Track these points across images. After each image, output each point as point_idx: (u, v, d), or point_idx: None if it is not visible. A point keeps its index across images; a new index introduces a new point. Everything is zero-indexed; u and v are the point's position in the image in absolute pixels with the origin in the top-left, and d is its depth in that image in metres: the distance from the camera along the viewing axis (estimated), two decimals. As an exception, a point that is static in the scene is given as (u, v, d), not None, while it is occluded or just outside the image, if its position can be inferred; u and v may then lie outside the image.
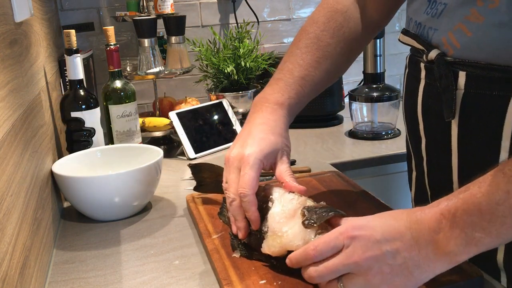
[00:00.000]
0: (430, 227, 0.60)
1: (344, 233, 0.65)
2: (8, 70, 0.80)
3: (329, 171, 1.18)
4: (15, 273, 0.66)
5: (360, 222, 0.66)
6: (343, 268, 0.64)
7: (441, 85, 0.76)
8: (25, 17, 0.98)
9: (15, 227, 0.70)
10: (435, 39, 0.78)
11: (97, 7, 1.80)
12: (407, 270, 0.62)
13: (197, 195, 1.09)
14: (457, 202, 0.60)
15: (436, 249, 0.60)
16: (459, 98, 0.75)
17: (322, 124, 1.76)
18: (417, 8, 0.83)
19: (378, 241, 0.62)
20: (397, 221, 0.63)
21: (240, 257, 0.81)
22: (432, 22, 0.79)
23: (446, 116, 0.76)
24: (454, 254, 0.60)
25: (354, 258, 0.63)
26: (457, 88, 0.75)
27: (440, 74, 0.76)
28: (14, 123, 0.78)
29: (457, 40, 0.74)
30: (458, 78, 0.75)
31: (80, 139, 1.18)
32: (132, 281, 0.82)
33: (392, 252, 0.61)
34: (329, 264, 0.65)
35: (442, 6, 0.76)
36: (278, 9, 1.99)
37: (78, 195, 1.04)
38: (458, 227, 0.59)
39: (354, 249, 0.63)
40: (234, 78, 1.63)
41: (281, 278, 0.75)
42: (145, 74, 1.56)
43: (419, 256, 0.61)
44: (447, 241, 0.59)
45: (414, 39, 0.83)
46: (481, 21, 0.70)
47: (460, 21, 0.73)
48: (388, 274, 0.62)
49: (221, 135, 1.56)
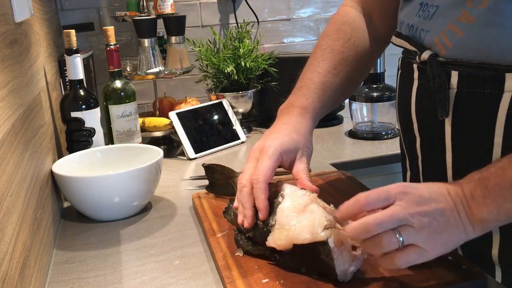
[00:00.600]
0: (466, 194, 0.65)
1: (395, 188, 0.66)
2: (8, 70, 0.80)
3: (334, 171, 1.18)
4: (15, 273, 0.66)
5: (407, 184, 0.68)
6: (401, 216, 0.64)
7: (434, 84, 0.78)
8: (25, 17, 0.98)
9: (15, 227, 0.70)
10: (427, 40, 0.81)
11: (97, 7, 1.80)
12: (450, 228, 0.65)
13: (203, 193, 1.10)
14: (490, 175, 0.65)
15: (471, 214, 0.65)
16: (452, 97, 0.77)
17: (322, 124, 1.75)
18: (409, 11, 0.86)
19: (427, 199, 0.65)
20: (439, 186, 0.67)
21: (243, 255, 0.81)
22: (424, 24, 0.81)
23: (440, 115, 0.78)
24: (485, 220, 0.64)
25: (410, 210, 0.64)
26: (450, 87, 0.77)
27: (433, 74, 0.78)
28: (14, 123, 0.78)
29: (449, 40, 0.77)
30: (450, 77, 0.77)
31: (80, 139, 1.18)
32: (132, 281, 0.82)
33: (439, 210, 0.65)
34: (388, 211, 0.65)
35: (434, 8, 0.79)
36: (278, 9, 1.99)
37: (78, 195, 1.04)
38: (490, 197, 0.63)
39: (407, 203, 0.65)
40: (234, 78, 1.63)
41: (283, 277, 0.75)
42: (145, 74, 1.56)
43: (458, 218, 0.65)
44: (480, 208, 0.64)
45: (407, 40, 0.85)
46: (471, 21, 0.73)
47: (451, 22, 0.76)
48: (434, 230, 0.64)
49: (221, 135, 1.56)
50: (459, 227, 0.65)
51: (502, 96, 0.72)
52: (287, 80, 1.74)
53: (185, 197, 1.16)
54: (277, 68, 1.71)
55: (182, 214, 1.07)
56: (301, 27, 2.03)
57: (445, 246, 0.66)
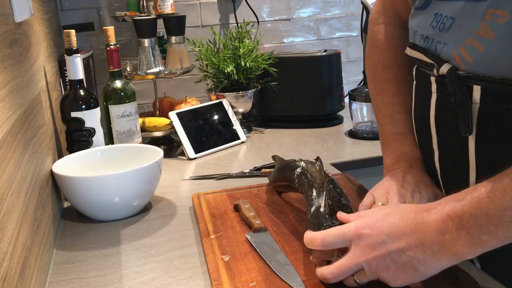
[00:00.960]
0: (436, 229, 0.63)
1: (352, 230, 0.68)
2: (8, 70, 0.80)
3: (337, 174, 1.19)
4: (15, 273, 0.66)
5: (369, 221, 0.68)
6: (354, 267, 0.68)
7: (455, 100, 0.74)
8: (25, 17, 0.98)
9: (15, 227, 0.70)
10: (444, 53, 0.77)
11: (97, 7, 1.80)
12: (413, 267, 0.65)
13: (202, 193, 1.10)
14: (464, 206, 0.61)
15: (443, 248, 0.62)
16: (475, 112, 0.73)
17: (322, 124, 1.76)
18: (421, 21, 0.82)
19: (384, 241, 0.65)
20: (403, 221, 0.66)
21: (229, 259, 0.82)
22: (441, 36, 0.77)
23: (463, 132, 0.74)
24: (460, 254, 0.62)
25: (363, 257, 0.66)
26: (472, 102, 0.73)
27: (453, 89, 0.74)
28: (14, 123, 0.78)
29: (469, 55, 0.72)
30: (472, 92, 0.72)
31: (80, 139, 1.18)
32: (132, 281, 0.82)
33: (397, 251, 0.65)
34: (341, 264, 0.68)
35: (450, 20, 0.75)
36: (278, 9, 1.99)
37: (78, 195, 1.04)
38: (465, 230, 0.61)
39: (362, 249, 0.67)
40: (234, 78, 1.63)
41: (271, 280, 0.75)
42: (145, 74, 1.56)
43: (424, 255, 0.64)
44: (454, 242, 0.61)
45: (423, 53, 0.81)
46: (492, 36, 0.69)
47: (471, 36, 0.71)
48: (394, 270, 0.65)
49: (221, 135, 1.56)
50: (427, 263, 0.64)
51: None
52: (287, 80, 1.74)
53: (185, 197, 1.16)
54: (277, 68, 1.71)
55: (182, 214, 1.07)
56: (301, 27, 2.03)
57: (413, 278, 0.66)
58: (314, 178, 0.88)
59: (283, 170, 1.02)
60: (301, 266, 0.79)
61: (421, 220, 0.64)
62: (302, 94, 1.74)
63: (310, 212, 0.81)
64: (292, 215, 0.98)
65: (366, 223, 0.68)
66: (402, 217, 0.67)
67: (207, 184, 1.25)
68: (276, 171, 1.07)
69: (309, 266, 0.78)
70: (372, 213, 0.72)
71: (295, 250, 0.84)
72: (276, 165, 1.09)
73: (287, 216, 0.97)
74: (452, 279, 0.73)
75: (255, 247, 0.85)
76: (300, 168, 0.94)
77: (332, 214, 0.76)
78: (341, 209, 0.78)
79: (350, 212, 0.78)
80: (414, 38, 0.85)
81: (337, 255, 0.73)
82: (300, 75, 1.73)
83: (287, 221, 0.95)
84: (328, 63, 1.73)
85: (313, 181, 0.88)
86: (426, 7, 0.81)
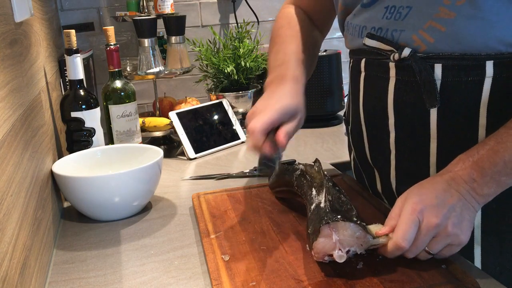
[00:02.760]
0: (465, 180, 0.75)
1: (413, 212, 0.75)
2: (8, 70, 0.80)
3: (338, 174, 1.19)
4: (15, 273, 0.66)
5: (413, 199, 0.77)
6: (429, 238, 0.75)
7: (421, 78, 0.83)
8: (25, 17, 0.99)
9: (15, 227, 0.70)
10: (402, 39, 0.86)
11: (97, 7, 1.80)
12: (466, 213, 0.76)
13: (202, 194, 1.10)
14: (483, 157, 0.75)
15: (476, 194, 0.75)
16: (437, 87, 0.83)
17: (322, 124, 1.76)
18: (371, 16, 0.91)
19: (438, 204, 0.75)
20: (439, 184, 0.77)
21: (229, 259, 0.82)
22: (396, 25, 0.86)
23: (429, 105, 0.83)
24: (487, 195, 0.76)
25: (433, 224, 0.74)
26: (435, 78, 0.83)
27: (419, 68, 0.83)
28: (14, 123, 0.78)
29: (430, 36, 0.82)
30: (434, 70, 0.83)
31: (80, 139, 1.18)
32: (132, 281, 0.82)
33: (452, 206, 0.75)
34: (419, 243, 0.75)
35: (406, 9, 0.84)
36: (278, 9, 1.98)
37: (78, 195, 1.04)
38: (488, 175, 0.74)
39: (428, 219, 0.74)
40: (234, 78, 1.63)
41: (272, 280, 0.75)
42: (145, 74, 1.56)
43: (466, 202, 0.76)
44: (481, 187, 0.75)
45: (381, 41, 0.89)
46: (452, 16, 0.79)
47: (429, 19, 0.81)
48: (457, 222, 0.75)
49: (221, 135, 1.56)
50: (470, 208, 0.75)
51: (484, 81, 0.80)
52: (287, 80, 1.74)
53: (185, 197, 1.16)
54: (277, 68, 1.70)
55: (182, 214, 1.07)
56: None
57: (470, 226, 0.76)
58: (313, 179, 0.88)
59: (281, 174, 1.01)
60: (301, 266, 0.79)
61: (449, 177, 0.76)
62: (302, 94, 1.74)
63: (311, 210, 0.81)
64: (292, 215, 0.98)
65: (414, 202, 0.76)
66: (434, 183, 0.77)
67: (207, 184, 1.25)
68: (274, 176, 1.06)
69: (309, 266, 0.78)
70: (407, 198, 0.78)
71: (295, 250, 0.84)
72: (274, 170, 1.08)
73: (287, 216, 0.97)
74: (452, 279, 0.73)
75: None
76: (299, 171, 0.94)
77: (333, 210, 0.76)
78: (341, 205, 0.78)
79: (350, 208, 0.78)
80: (361, 33, 0.94)
81: (339, 249, 0.73)
82: (300, 75, 1.73)
83: (287, 221, 0.95)
84: (328, 63, 1.73)
85: (312, 181, 0.88)
86: (374, 2, 0.90)
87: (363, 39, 0.92)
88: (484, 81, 0.80)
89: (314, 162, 0.94)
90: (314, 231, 0.75)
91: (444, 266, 0.76)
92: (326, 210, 0.76)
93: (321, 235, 0.74)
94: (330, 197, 0.79)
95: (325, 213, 0.76)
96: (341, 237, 0.74)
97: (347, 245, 0.74)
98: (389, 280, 0.73)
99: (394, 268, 0.76)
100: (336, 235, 0.74)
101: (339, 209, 0.77)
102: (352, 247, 0.75)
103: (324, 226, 0.74)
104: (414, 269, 0.76)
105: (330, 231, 0.74)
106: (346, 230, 0.74)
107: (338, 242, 0.73)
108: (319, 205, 0.79)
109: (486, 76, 0.80)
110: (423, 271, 0.75)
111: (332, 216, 0.74)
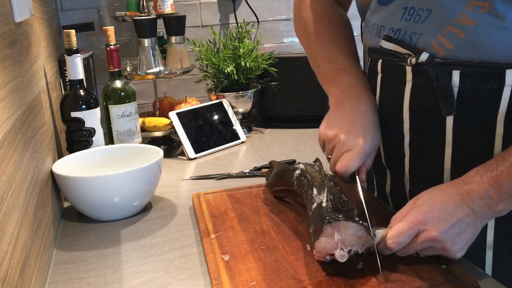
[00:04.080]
0: (481, 196, 0.74)
1: (414, 221, 0.75)
2: (8, 70, 0.80)
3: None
4: (15, 273, 0.66)
5: (421, 209, 0.76)
6: (423, 247, 0.76)
7: (438, 84, 0.81)
8: (25, 17, 0.98)
9: (15, 227, 0.70)
10: (421, 43, 0.83)
11: (97, 7, 1.80)
12: (471, 231, 0.75)
13: (202, 193, 1.10)
14: (501, 174, 0.73)
15: (489, 210, 0.74)
16: (454, 94, 0.81)
17: (322, 124, 1.75)
18: (389, 15, 0.88)
19: (445, 218, 0.74)
20: (451, 197, 0.76)
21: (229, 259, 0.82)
22: (415, 28, 0.84)
23: (445, 112, 0.81)
24: (501, 211, 0.75)
25: (431, 237, 0.74)
26: (452, 85, 0.81)
27: (436, 74, 0.81)
28: (14, 123, 0.78)
29: (449, 42, 0.80)
30: (452, 76, 0.81)
31: (80, 139, 1.18)
32: (132, 281, 0.82)
33: (458, 221, 0.74)
34: (411, 248, 0.77)
35: (426, 12, 0.82)
36: (278, 9, 1.99)
37: (78, 195, 1.04)
38: (505, 193, 0.73)
39: (429, 231, 0.75)
40: (234, 78, 1.63)
41: (272, 280, 0.75)
42: (145, 74, 1.56)
43: (476, 219, 0.75)
44: (496, 204, 0.74)
45: (398, 44, 0.86)
46: (473, 24, 0.77)
47: (450, 24, 0.79)
48: (457, 240, 0.75)
49: (221, 135, 1.56)
50: (478, 224, 0.75)
51: (503, 90, 0.78)
52: (287, 80, 1.74)
53: (185, 197, 1.16)
54: (277, 68, 1.71)
55: (182, 214, 1.07)
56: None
57: (470, 241, 0.76)
58: (314, 178, 0.88)
59: (281, 174, 1.01)
60: (301, 266, 0.79)
61: (464, 191, 0.75)
62: (302, 94, 1.74)
63: (312, 209, 0.81)
64: (292, 215, 0.98)
65: (420, 211, 0.76)
66: (447, 194, 0.76)
67: (207, 184, 1.25)
68: (273, 175, 1.05)
69: (309, 266, 0.78)
70: (416, 204, 0.78)
71: (295, 250, 0.84)
72: (273, 170, 1.08)
73: (287, 216, 0.97)
74: (452, 279, 0.73)
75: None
76: (299, 170, 0.94)
77: (335, 210, 0.76)
78: (343, 205, 0.78)
79: (352, 208, 0.78)
80: (379, 33, 0.90)
81: (340, 248, 0.73)
82: (300, 75, 1.73)
83: (287, 221, 0.95)
84: (328, 63, 1.73)
85: (313, 181, 0.88)
86: (392, 1, 0.87)
87: (380, 39, 0.89)
88: (503, 89, 0.78)
89: (314, 162, 0.93)
90: (316, 231, 0.75)
91: (444, 266, 0.76)
92: (328, 209, 0.76)
93: (323, 235, 0.74)
94: (331, 197, 0.79)
95: (327, 213, 0.76)
96: (343, 237, 0.74)
97: (349, 244, 0.74)
98: (389, 280, 0.73)
99: (394, 268, 0.77)
100: (338, 235, 0.74)
101: (341, 208, 0.77)
102: (354, 247, 0.75)
103: (326, 226, 0.74)
104: (414, 269, 0.76)
105: (332, 231, 0.74)
106: (348, 229, 0.74)
107: (340, 242, 0.74)
108: (320, 204, 0.79)
109: (505, 85, 0.77)
110: (423, 271, 0.75)
111: (334, 215, 0.74)
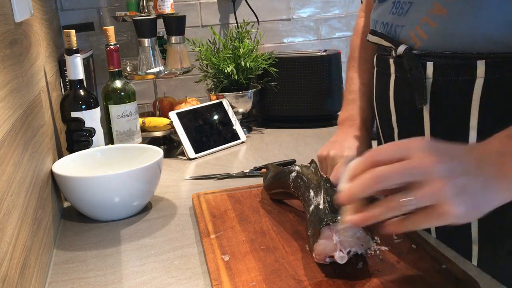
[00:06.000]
0: (497, 149, 0.60)
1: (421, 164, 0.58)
2: (8, 70, 0.80)
3: None
4: (15, 273, 0.66)
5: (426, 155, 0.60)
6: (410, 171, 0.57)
7: (411, 76, 0.83)
8: (25, 17, 0.98)
9: (15, 227, 0.70)
10: (403, 35, 0.86)
11: (97, 7, 1.80)
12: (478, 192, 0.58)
13: (202, 193, 1.10)
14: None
15: (500, 171, 0.58)
16: (428, 86, 0.83)
17: (322, 124, 1.76)
18: (383, 11, 0.92)
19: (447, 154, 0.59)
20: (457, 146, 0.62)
21: (229, 260, 0.81)
22: (399, 20, 0.87)
23: (418, 103, 0.83)
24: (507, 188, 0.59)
25: (425, 163, 0.57)
26: (426, 77, 0.83)
27: (410, 66, 0.83)
28: (14, 123, 0.78)
29: (424, 32, 0.82)
30: (426, 68, 0.82)
31: (80, 139, 1.18)
32: (132, 281, 0.82)
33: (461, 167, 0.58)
34: (396, 165, 0.58)
35: (408, 5, 0.86)
36: (278, 9, 1.99)
37: (78, 195, 1.04)
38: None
39: (423, 155, 0.58)
40: (234, 78, 1.63)
41: (272, 280, 0.75)
42: (145, 74, 1.56)
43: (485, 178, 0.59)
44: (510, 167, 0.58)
45: (382, 37, 0.91)
46: (443, 13, 0.79)
47: (425, 15, 0.82)
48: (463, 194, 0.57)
49: (221, 135, 1.56)
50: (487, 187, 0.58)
51: (475, 82, 0.78)
52: (287, 80, 1.74)
53: (185, 197, 1.16)
54: (277, 68, 1.71)
55: (182, 214, 1.07)
56: (301, 27, 2.03)
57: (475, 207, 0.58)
58: (310, 180, 0.88)
59: (277, 177, 1.01)
60: (301, 266, 0.79)
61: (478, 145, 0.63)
62: (302, 94, 1.74)
63: (310, 212, 0.81)
64: (292, 215, 0.98)
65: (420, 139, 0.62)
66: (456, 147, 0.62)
67: (207, 184, 1.25)
68: (269, 178, 1.05)
69: (309, 266, 0.78)
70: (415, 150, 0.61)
71: (295, 250, 0.84)
72: (270, 173, 1.08)
73: (287, 216, 0.97)
74: (452, 279, 0.73)
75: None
76: (295, 172, 0.94)
77: (332, 211, 0.76)
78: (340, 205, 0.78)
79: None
80: (375, 26, 0.95)
81: (340, 250, 0.73)
82: (300, 75, 1.73)
83: (287, 221, 0.95)
84: (328, 63, 1.73)
85: (309, 182, 0.88)
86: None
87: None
88: (475, 81, 0.78)
89: (309, 163, 0.93)
90: (314, 233, 0.75)
91: (444, 266, 0.76)
92: (325, 211, 0.76)
93: (322, 237, 0.74)
94: (328, 198, 0.79)
95: (325, 215, 0.75)
96: (342, 238, 0.74)
97: (348, 246, 0.74)
98: (389, 280, 0.73)
99: (394, 268, 0.77)
100: (337, 236, 0.74)
101: (338, 210, 0.77)
102: (353, 248, 0.75)
103: (324, 228, 0.74)
104: (414, 269, 0.76)
105: (330, 233, 0.74)
106: (347, 231, 0.74)
107: (339, 243, 0.73)
108: (318, 206, 0.79)
109: (477, 77, 0.78)
110: (423, 271, 0.75)
111: (332, 217, 0.74)
